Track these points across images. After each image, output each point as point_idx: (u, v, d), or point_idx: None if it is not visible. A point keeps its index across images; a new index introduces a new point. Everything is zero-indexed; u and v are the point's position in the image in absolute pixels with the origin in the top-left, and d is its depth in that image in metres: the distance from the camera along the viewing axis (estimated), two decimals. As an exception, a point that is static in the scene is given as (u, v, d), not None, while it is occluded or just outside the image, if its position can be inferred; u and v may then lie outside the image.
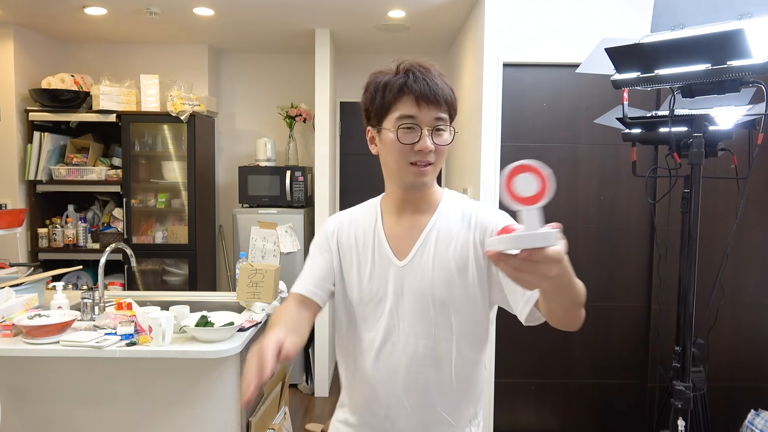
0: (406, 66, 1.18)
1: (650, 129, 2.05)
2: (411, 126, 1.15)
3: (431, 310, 1.20)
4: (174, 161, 4.12)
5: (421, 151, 1.15)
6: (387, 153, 1.19)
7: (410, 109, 1.15)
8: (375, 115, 1.19)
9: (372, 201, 1.34)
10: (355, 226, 1.30)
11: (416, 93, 1.14)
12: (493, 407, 3.13)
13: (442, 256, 1.20)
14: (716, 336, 2.98)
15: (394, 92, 1.15)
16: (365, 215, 1.31)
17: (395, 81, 1.16)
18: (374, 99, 1.18)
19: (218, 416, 2.23)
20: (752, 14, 1.58)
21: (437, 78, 1.17)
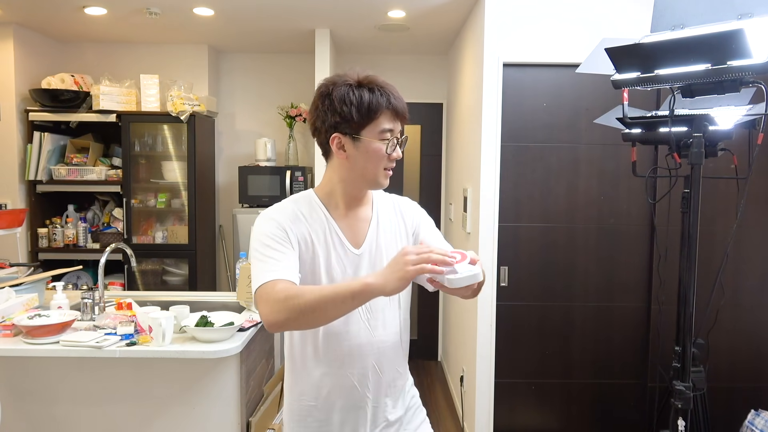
0: (373, 82, 1.32)
1: (650, 129, 2.05)
2: (389, 138, 1.33)
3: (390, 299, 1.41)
4: (174, 161, 4.12)
5: (396, 159, 1.36)
6: (367, 160, 1.34)
7: (389, 123, 1.33)
8: (356, 124, 1.31)
9: (300, 198, 1.42)
10: (304, 222, 1.37)
11: (393, 109, 1.32)
12: (493, 407, 3.13)
13: (387, 242, 1.43)
14: (716, 336, 2.98)
15: (381, 107, 1.31)
16: (306, 210, 1.39)
17: (376, 99, 1.31)
18: (359, 109, 1.30)
19: (218, 416, 2.23)
20: (752, 14, 1.58)
21: (399, 94, 1.36)
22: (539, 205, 3.09)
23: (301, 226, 1.36)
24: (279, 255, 1.29)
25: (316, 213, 1.39)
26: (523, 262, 3.11)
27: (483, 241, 3.07)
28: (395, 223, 1.47)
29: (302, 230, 1.36)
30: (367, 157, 1.33)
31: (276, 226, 1.33)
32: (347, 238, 1.39)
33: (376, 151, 1.32)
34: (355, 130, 1.31)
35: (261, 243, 1.32)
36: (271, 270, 1.26)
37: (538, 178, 3.08)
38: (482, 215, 3.07)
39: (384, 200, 1.50)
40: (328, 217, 1.39)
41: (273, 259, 1.29)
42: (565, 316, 3.14)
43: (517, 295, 3.12)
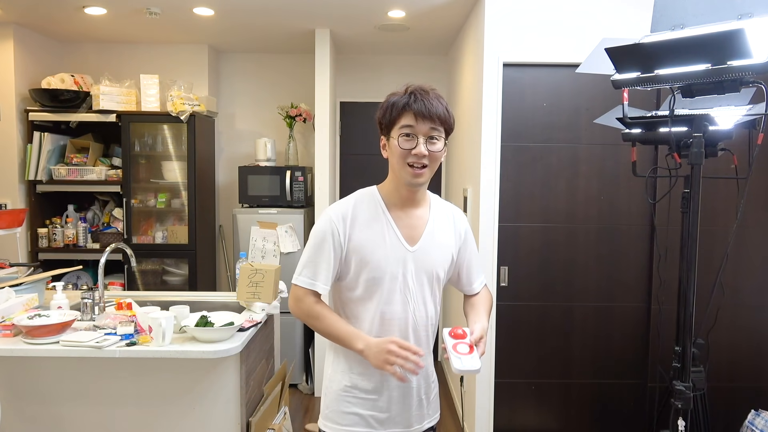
0: (411, 89, 1.51)
1: (650, 129, 2.05)
2: (409, 134, 1.48)
3: (434, 284, 1.61)
4: (174, 161, 4.12)
5: (416, 155, 1.48)
6: (392, 156, 1.52)
7: (410, 121, 1.48)
8: (385, 126, 1.53)
9: (364, 193, 1.60)
10: (361, 211, 1.55)
11: (415, 110, 1.47)
12: (493, 407, 3.13)
13: (439, 244, 1.61)
14: (716, 336, 2.98)
15: (399, 108, 1.49)
16: (366, 203, 1.57)
17: (401, 100, 1.49)
18: (385, 114, 1.52)
19: (218, 416, 2.23)
20: (752, 14, 1.58)
21: (433, 99, 1.49)
22: (539, 204, 3.09)
23: (360, 216, 1.54)
24: (319, 258, 1.52)
25: (376, 210, 1.56)
26: (523, 261, 3.11)
27: (483, 241, 3.07)
28: (448, 229, 1.64)
29: (360, 219, 1.53)
30: (392, 154, 1.52)
31: (329, 225, 1.52)
32: (403, 234, 1.56)
33: (395, 147, 1.49)
34: (386, 130, 1.53)
35: (312, 237, 1.55)
36: (308, 275, 1.54)
37: (538, 178, 3.08)
38: (482, 215, 3.07)
39: (441, 206, 1.67)
40: (386, 213, 1.56)
41: (313, 262, 1.53)
42: (565, 316, 3.14)
43: (517, 294, 3.12)
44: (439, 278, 1.61)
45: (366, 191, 1.60)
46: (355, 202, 1.56)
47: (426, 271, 1.58)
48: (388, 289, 1.54)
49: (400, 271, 1.54)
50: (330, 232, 1.52)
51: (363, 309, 1.56)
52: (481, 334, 1.49)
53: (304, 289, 1.54)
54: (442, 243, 1.61)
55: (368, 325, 1.55)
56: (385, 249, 1.53)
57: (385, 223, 1.55)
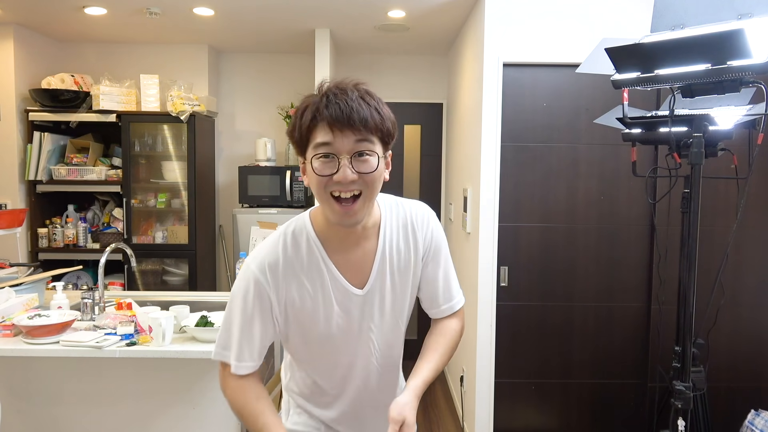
0: (325, 89, 1.10)
1: (650, 129, 2.05)
2: (327, 154, 1.07)
3: (397, 320, 1.30)
4: (174, 161, 4.12)
5: (340, 182, 1.07)
6: (312, 187, 1.11)
7: (325, 136, 1.06)
8: (298, 146, 1.12)
9: (295, 230, 1.21)
10: (294, 258, 1.19)
11: (328, 118, 1.05)
12: (493, 407, 3.13)
13: (395, 278, 1.26)
14: (716, 336, 2.98)
15: (308, 120, 1.07)
16: (298, 245, 1.20)
17: (312, 106, 1.08)
18: (294, 128, 1.10)
19: (218, 416, 2.23)
20: (752, 14, 1.58)
21: (355, 99, 1.06)
22: (539, 205, 3.09)
23: (291, 282, 1.18)
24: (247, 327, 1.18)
25: (312, 253, 1.20)
26: (523, 262, 3.11)
27: (483, 241, 3.07)
28: (405, 251, 1.27)
29: (291, 285, 1.18)
30: (312, 184, 1.12)
31: (255, 287, 1.17)
32: (348, 278, 1.21)
33: (312, 173, 1.09)
34: (301, 151, 1.13)
35: (236, 299, 1.20)
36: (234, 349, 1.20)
37: (538, 178, 3.08)
38: (482, 215, 3.07)
39: (393, 222, 1.26)
40: (324, 256, 1.19)
41: (238, 332, 1.19)
42: (565, 316, 3.14)
43: (517, 295, 3.12)
44: (401, 313, 1.30)
45: (297, 227, 1.22)
46: (285, 247, 1.19)
47: (381, 311, 1.26)
48: (342, 342, 1.25)
49: (354, 321, 1.24)
50: (255, 291, 1.17)
51: (317, 366, 1.30)
52: (402, 418, 1.14)
53: (227, 368, 1.21)
54: (400, 274, 1.27)
55: (328, 382, 1.31)
56: (327, 298, 1.20)
57: (325, 269, 1.20)
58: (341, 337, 1.24)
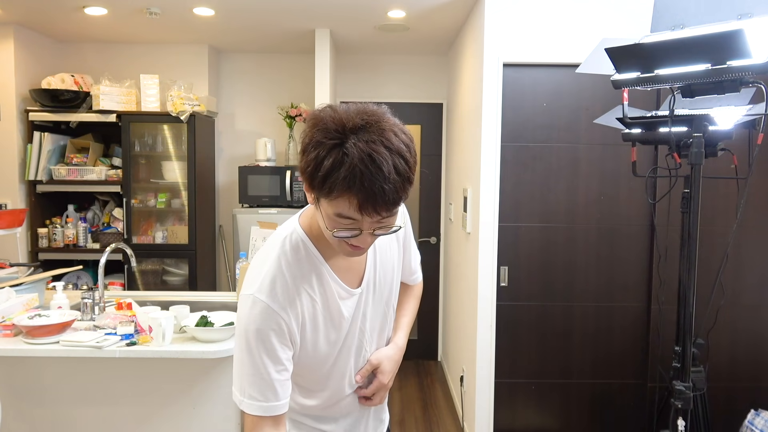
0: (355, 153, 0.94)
1: (650, 129, 2.05)
2: (350, 227, 1.02)
3: (387, 312, 1.33)
4: (174, 161, 4.12)
5: (358, 247, 1.06)
6: (321, 224, 1.07)
7: (352, 213, 0.98)
8: (311, 186, 1.01)
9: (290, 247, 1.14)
10: (298, 279, 1.13)
11: (361, 200, 0.95)
12: (493, 407, 3.13)
13: (386, 271, 1.28)
14: (716, 336, 2.98)
15: (337, 187, 0.95)
16: (302, 263, 1.14)
17: (340, 173, 0.94)
18: (314, 174, 0.97)
19: (218, 416, 2.23)
20: (752, 14, 1.58)
21: (390, 175, 0.95)
22: (539, 205, 3.09)
23: (300, 295, 1.13)
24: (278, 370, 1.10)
25: (311, 262, 1.15)
26: (523, 262, 3.11)
27: (483, 241, 3.07)
28: (392, 243, 1.30)
29: (302, 298, 1.14)
30: (321, 225, 1.07)
31: (274, 321, 1.09)
32: (344, 279, 1.19)
33: (327, 231, 1.05)
34: (312, 191, 1.02)
35: (256, 340, 1.08)
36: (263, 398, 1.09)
37: (538, 178, 3.08)
38: (482, 215, 3.07)
39: None
40: (321, 262, 1.16)
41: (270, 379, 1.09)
42: (565, 316, 3.14)
43: (517, 295, 3.12)
44: (392, 304, 1.34)
45: (292, 240, 1.15)
46: (288, 263, 1.13)
47: (377, 303, 1.28)
48: (343, 342, 1.23)
49: (356, 323, 1.24)
50: (275, 325, 1.09)
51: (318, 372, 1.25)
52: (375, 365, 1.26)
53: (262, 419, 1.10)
54: (389, 258, 1.29)
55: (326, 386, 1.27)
56: (328, 303, 1.18)
57: (325, 273, 1.16)
58: (342, 337, 1.23)
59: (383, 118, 0.99)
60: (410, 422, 3.70)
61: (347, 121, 0.96)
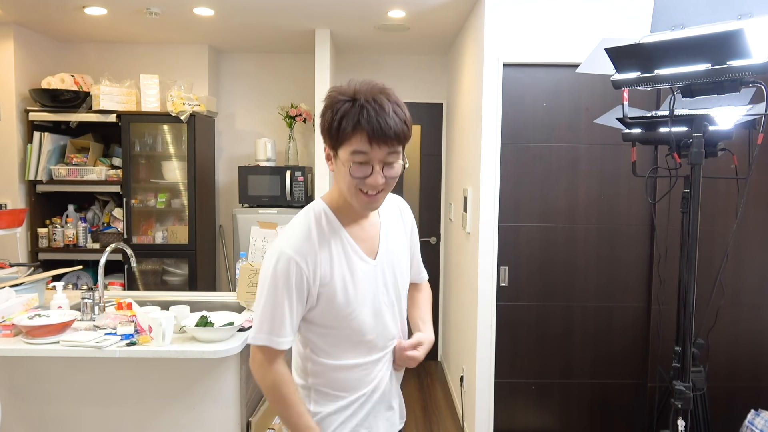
0: (362, 99, 1.22)
1: (650, 129, 2.05)
2: (363, 161, 1.24)
3: (400, 296, 1.48)
4: (174, 161, 4.12)
5: (372, 185, 1.26)
6: (341, 179, 1.30)
7: (363, 146, 1.22)
8: (331, 141, 1.27)
9: (315, 215, 1.36)
10: (321, 241, 1.32)
11: (369, 131, 1.20)
12: (493, 407, 3.13)
13: (396, 246, 1.47)
14: (716, 336, 2.98)
15: (349, 127, 1.21)
16: (321, 229, 1.34)
17: (351, 115, 1.21)
18: (331, 126, 1.24)
19: (218, 416, 2.23)
20: (752, 14, 1.58)
21: (390, 113, 1.22)
22: (539, 205, 3.09)
23: (320, 260, 1.31)
24: (287, 309, 1.29)
25: (334, 231, 1.35)
26: (523, 262, 3.11)
27: (483, 241, 3.07)
28: (399, 225, 1.50)
29: (323, 260, 1.31)
30: (340, 177, 1.29)
31: (292, 267, 1.28)
32: (363, 249, 1.38)
33: (347, 174, 1.25)
34: (332, 146, 1.28)
35: (274, 282, 1.29)
36: (270, 332, 1.30)
37: (538, 178, 3.08)
38: (482, 215, 3.07)
39: (388, 204, 1.50)
40: (343, 232, 1.36)
41: (280, 314, 1.29)
42: (565, 316, 3.14)
43: (517, 295, 3.12)
44: (405, 280, 1.50)
45: (315, 212, 1.36)
46: (311, 231, 1.32)
47: (392, 280, 1.44)
48: (367, 313, 1.38)
49: (372, 287, 1.39)
50: (293, 275, 1.28)
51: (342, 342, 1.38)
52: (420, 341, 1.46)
53: (269, 349, 1.30)
54: (398, 243, 1.48)
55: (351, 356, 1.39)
56: (358, 273, 1.35)
57: (347, 245, 1.35)
58: (361, 303, 1.36)
59: (384, 85, 1.28)
60: (410, 422, 3.70)
61: (356, 86, 1.25)
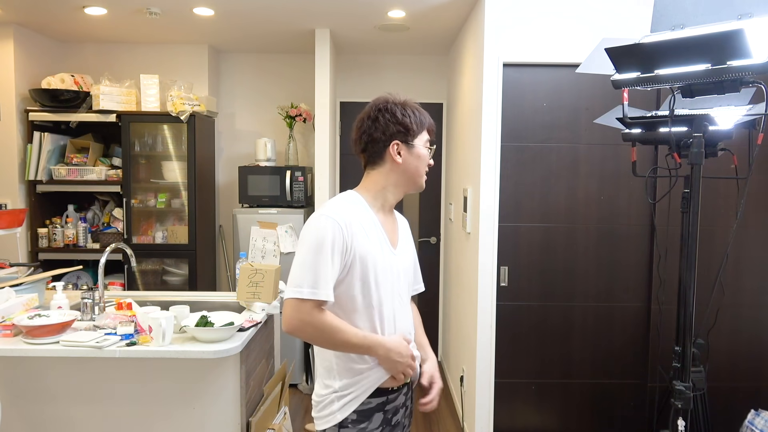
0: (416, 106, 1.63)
1: (650, 129, 2.05)
2: (430, 148, 1.65)
3: (408, 284, 1.70)
4: (174, 161, 4.12)
5: (430, 165, 1.65)
6: (415, 163, 1.61)
7: (431, 135, 1.66)
8: (413, 134, 1.59)
9: (353, 198, 1.59)
10: (359, 221, 1.54)
11: (431, 127, 1.66)
12: (493, 407, 3.13)
13: (408, 245, 1.73)
14: (716, 336, 2.99)
15: (424, 123, 1.63)
16: (359, 211, 1.56)
17: (423, 116, 1.63)
18: (412, 123, 1.59)
19: (218, 416, 2.23)
20: (752, 14, 1.58)
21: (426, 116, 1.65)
22: (539, 205, 3.09)
23: (358, 227, 1.52)
24: (329, 267, 1.45)
25: (369, 215, 1.57)
26: (523, 262, 3.11)
27: (483, 241, 3.07)
28: (409, 235, 1.76)
29: (359, 230, 1.52)
30: (418, 161, 1.61)
31: (337, 230, 1.47)
32: (389, 239, 1.61)
33: (424, 156, 1.62)
34: (411, 138, 1.59)
35: (314, 241, 1.46)
36: (313, 285, 1.44)
37: (538, 178, 3.08)
38: (482, 215, 3.07)
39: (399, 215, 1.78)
40: (376, 219, 1.59)
41: (316, 270, 1.45)
42: (565, 316, 3.14)
43: (517, 295, 3.12)
44: (410, 279, 1.72)
45: (353, 196, 1.60)
46: (352, 207, 1.55)
47: (405, 271, 1.66)
48: (389, 293, 1.58)
49: (392, 275, 1.59)
50: (336, 237, 1.46)
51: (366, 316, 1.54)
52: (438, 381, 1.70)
53: (310, 301, 1.44)
54: (409, 243, 1.73)
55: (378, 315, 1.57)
56: (383, 255, 1.56)
57: (379, 228, 1.58)
58: (388, 288, 1.57)
59: None
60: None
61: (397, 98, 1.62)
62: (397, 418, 1.64)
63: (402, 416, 1.66)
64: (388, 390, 1.59)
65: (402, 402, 1.65)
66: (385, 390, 1.58)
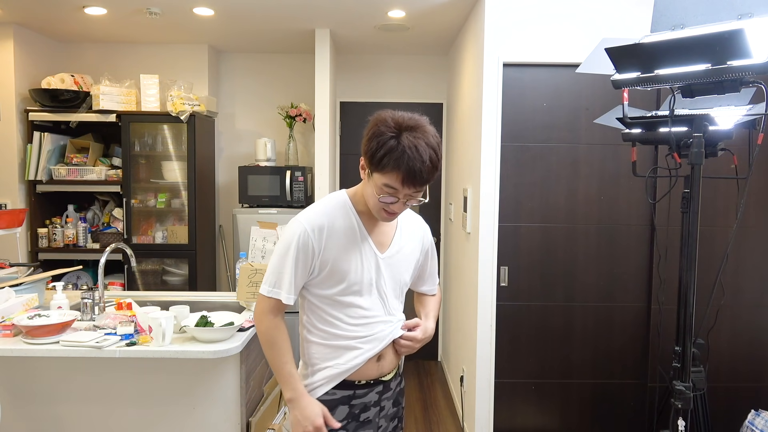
0: (405, 142, 1.39)
1: (650, 129, 2.05)
2: (392, 194, 1.45)
3: (400, 289, 1.68)
4: (174, 161, 4.12)
5: (393, 213, 1.51)
6: (367, 195, 1.52)
7: (395, 183, 1.43)
8: (370, 163, 1.46)
9: (336, 200, 1.58)
10: (335, 226, 1.54)
11: (404, 175, 1.40)
12: (493, 407, 3.13)
13: (409, 249, 1.68)
14: (716, 336, 2.99)
15: (389, 165, 1.40)
16: (339, 214, 1.55)
17: (392, 155, 1.39)
18: (374, 156, 1.42)
19: (218, 416, 2.23)
20: (752, 14, 1.58)
21: (426, 161, 1.39)
22: (539, 205, 3.09)
23: (334, 231, 1.52)
24: (292, 271, 1.51)
25: (349, 218, 1.56)
26: (523, 262, 3.11)
27: (483, 241, 3.07)
28: (416, 235, 1.71)
29: (334, 234, 1.52)
30: (368, 193, 1.51)
31: (303, 236, 1.50)
32: (375, 241, 1.58)
33: (374, 195, 1.48)
34: (370, 167, 1.47)
35: (287, 245, 1.52)
36: (285, 286, 1.52)
37: (538, 178, 3.08)
38: (482, 215, 3.07)
39: (411, 217, 1.72)
40: (359, 222, 1.56)
41: (286, 274, 1.51)
42: (565, 316, 3.14)
43: (517, 295, 3.12)
44: (405, 283, 1.69)
45: (337, 199, 1.59)
46: (329, 212, 1.55)
47: (393, 276, 1.63)
48: (366, 293, 1.58)
49: (373, 277, 1.58)
50: (303, 243, 1.50)
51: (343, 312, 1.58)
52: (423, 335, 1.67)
53: (269, 299, 1.53)
54: (409, 249, 1.67)
55: (351, 327, 1.58)
56: (361, 258, 1.55)
57: (358, 232, 1.56)
58: (365, 288, 1.57)
59: (425, 123, 1.46)
60: (410, 422, 3.70)
61: (402, 121, 1.42)
62: (367, 415, 1.63)
63: (375, 415, 1.65)
64: (354, 383, 1.60)
65: (374, 400, 1.64)
66: (351, 383, 1.60)
